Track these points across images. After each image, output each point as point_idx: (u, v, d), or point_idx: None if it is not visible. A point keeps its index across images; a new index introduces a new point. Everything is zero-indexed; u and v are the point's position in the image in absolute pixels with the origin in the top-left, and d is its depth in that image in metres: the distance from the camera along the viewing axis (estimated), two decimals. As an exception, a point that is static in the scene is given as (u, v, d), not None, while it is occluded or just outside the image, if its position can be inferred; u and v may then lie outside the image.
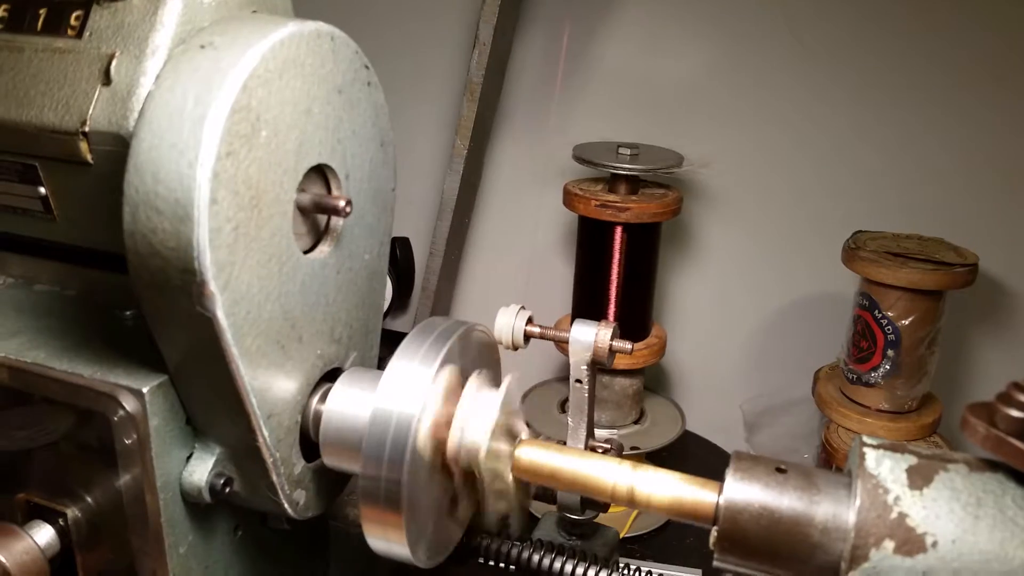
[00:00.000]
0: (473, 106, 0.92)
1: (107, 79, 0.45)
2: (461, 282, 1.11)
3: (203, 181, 0.37)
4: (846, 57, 0.93)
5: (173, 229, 0.38)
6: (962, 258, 0.78)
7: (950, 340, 0.86)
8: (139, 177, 0.38)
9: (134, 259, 0.39)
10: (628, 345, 0.54)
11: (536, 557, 0.58)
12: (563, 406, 0.95)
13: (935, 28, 0.90)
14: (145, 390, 0.43)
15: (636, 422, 0.94)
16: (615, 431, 0.92)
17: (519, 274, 1.09)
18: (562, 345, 0.55)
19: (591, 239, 0.90)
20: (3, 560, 0.45)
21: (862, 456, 0.39)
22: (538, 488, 0.55)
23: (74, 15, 0.47)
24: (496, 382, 0.51)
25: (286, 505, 0.48)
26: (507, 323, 0.56)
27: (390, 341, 0.59)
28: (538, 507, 0.83)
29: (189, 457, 0.46)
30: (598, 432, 0.60)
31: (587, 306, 0.92)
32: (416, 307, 1.04)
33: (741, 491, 0.40)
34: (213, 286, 0.39)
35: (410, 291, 1.10)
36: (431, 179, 1.07)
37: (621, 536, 0.70)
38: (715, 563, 0.42)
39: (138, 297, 0.41)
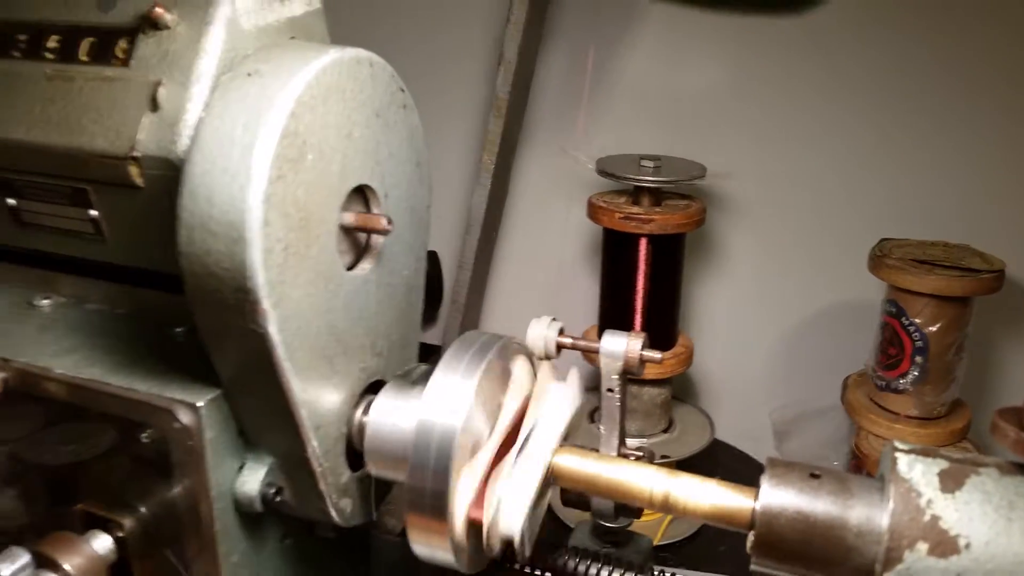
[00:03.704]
0: (500, 122, 0.94)
1: (155, 105, 0.47)
2: (489, 294, 1.13)
3: (255, 204, 0.39)
4: (866, 66, 0.94)
5: (227, 250, 0.40)
6: (988, 264, 0.79)
7: (978, 346, 0.87)
8: (193, 201, 0.40)
9: (190, 279, 0.41)
10: (658, 355, 0.55)
11: (572, 564, 0.60)
12: (592, 416, 0.97)
13: (955, 35, 0.90)
14: (200, 404, 0.44)
15: (665, 431, 0.95)
16: (645, 440, 0.93)
17: (546, 286, 1.11)
18: (590, 355, 0.57)
19: (616, 251, 0.92)
20: (69, 569, 0.46)
21: (894, 460, 0.39)
22: (572, 495, 0.56)
23: (121, 44, 0.49)
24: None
25: (333, 513, 0.49)
26: (539, 334, 0.57)
27: (420, 353, 0.61)
28: (571, 516, 0.85)
29: (241, 468, 0.48)
30: (628, 441, 0.61)
31: (614, 317, 0.93)
32: (446, 319, 1.06)
33: (777, 496, 0.41)
34: (266, 304, 0.40)
35: (439, 304, 1.12)
36: (458, 194, 1.09)
37: (654, 544, 0.71)
38: (752, 567, 0.43)
39: (193, 315, 0.43)
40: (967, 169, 0.92)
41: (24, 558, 0.44)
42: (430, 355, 0.62)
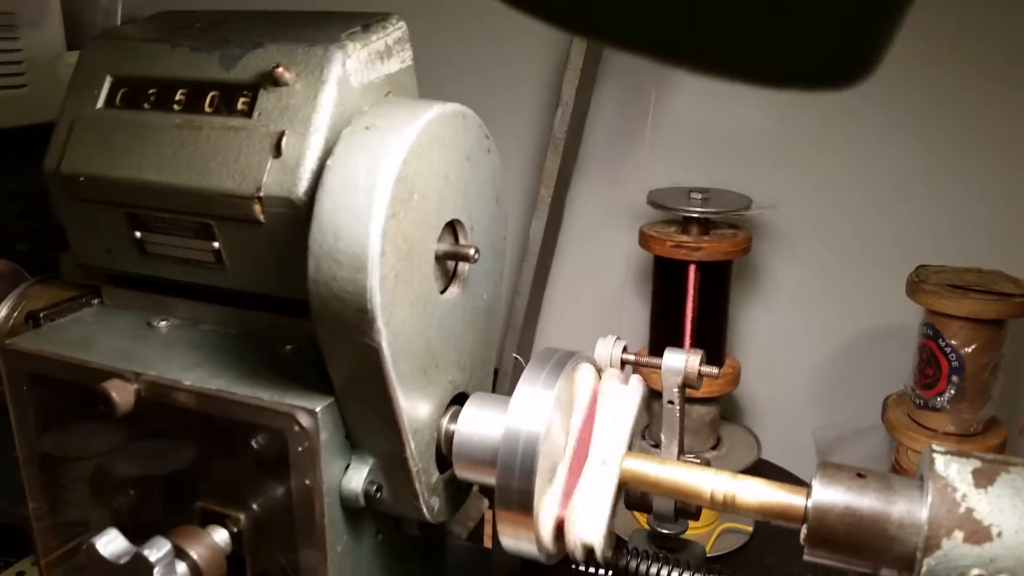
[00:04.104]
0: (557, 158, 1.00)
1: (278, 152, 0.54)
2: (543, 319, 1.19)
3: (376, 238, 0.46)
4: (903, 102, 0.99)
5: (351, 277, 0.46)
6: (1020, 289, 0.83)
7: (1013, 366, 0.91)
8: (322, 236, 0.47)
9: (316, 302, 0.48)
10: (715, 369, 0.61)
11: (635, 563, 0.65)
12: (644, 434, 1.02)
13: (987, 71, 0.95)
14: (318, 409, 0.51)
15: (713, 448, 1.00)
16: (694, 456, 0.98)
17: (597, 311, 1.17)
18: (644, 372, 0.62)
19: (667, 277, 0.97)
20: (194, 556, 0.53)
21: (932, 461, 0.45)
22: (635, 497, 0.62)
23: (243, 98, 0.57)
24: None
25: (424, 510, 0.55)
26: (606, 351, 0.63)
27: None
28: (624, 527, 0.90)
29: (347, 468, 0.54)
30: (678, 456, 0.66)
31: (664, 340, 0.98)
32: (503, 342, 1.12)
33: (827, 494, 0.46)
34: (380, 322, 0.47)
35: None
36: (515, 224, 1.16)
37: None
38: (805, 557, 0.48)
39: (317, 331, 0.50)
40: (1000, 200, 0.97)
41: (167, 547, 0.50)
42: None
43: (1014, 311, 0.81)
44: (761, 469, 1.02)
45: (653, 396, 0.98)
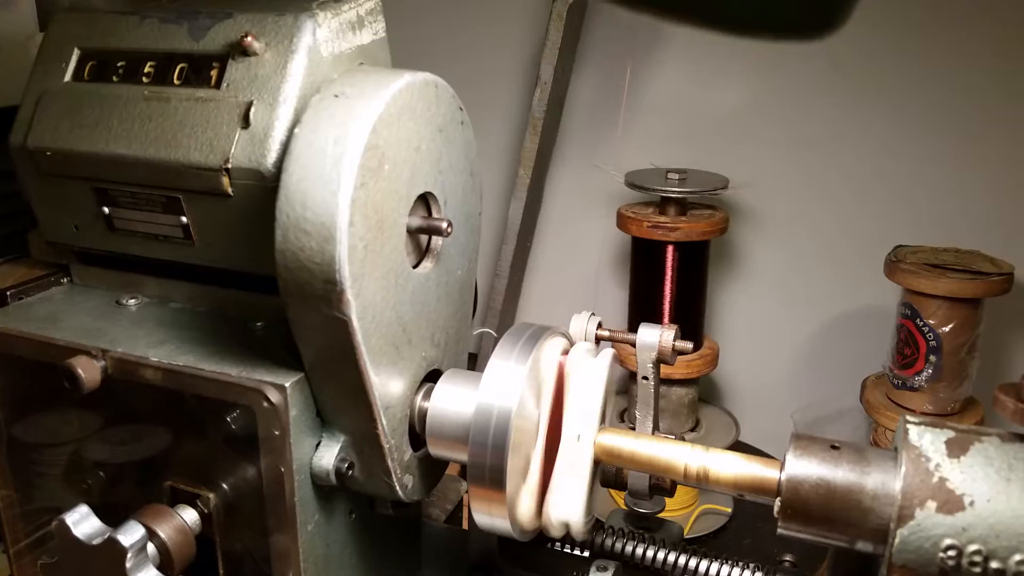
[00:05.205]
0: (535, 139, 1.00)
1: (246, 123, 0.53)
2: (523, 301, 1.19)
3: (344, 207, 0.45)
4: (878, 85, 0.99)
5: (319, 247, 0.45)
6: (998, 268, 0.84)
7: (990, 346, 0.91)
8: (289, 205, 0.46)
9: (284, 273, 0.47)
10: (689, 344, 0.61)
11: (610, 542, 0.65)
12: (622, 416, 1.02)
13: (961, 55, 0.96)
14: (287, 384, 0.50)
15: (692, 429, 1.00)
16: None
17: (576, 293, 1.17)
18: (622, 353, 0.62)
19: (644, 258, 0.97)
20: (163, 537, 0.52)
21: (906, 431, 0.44)
22: (609, 475, 0.61)
23: (212, 69, 0.56)
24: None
25: (397, 488, 0.54)
26: (581, 327, 0.63)
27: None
28: (601, 509, 0.89)
29: (318, 445, 0.53)
30: (657, 437, 0.66)
31: (642, 320, 0.97)
32: (482, 324, 1.11)
33: (801, 466, 0.46)
34: (349, 294, 0.46)
35: (473, 311, 1.18)
36: (494, 206, 1.15)
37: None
38: (779, 531, 0.47)
39: (285, 305, 0.49)
40: (977, 180, 0.97)
41: (140, 531, 0.49)
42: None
43: (991, 290, 0.81)
44: (739, 451, 1.02)
45: (632, 379, 0.98)
